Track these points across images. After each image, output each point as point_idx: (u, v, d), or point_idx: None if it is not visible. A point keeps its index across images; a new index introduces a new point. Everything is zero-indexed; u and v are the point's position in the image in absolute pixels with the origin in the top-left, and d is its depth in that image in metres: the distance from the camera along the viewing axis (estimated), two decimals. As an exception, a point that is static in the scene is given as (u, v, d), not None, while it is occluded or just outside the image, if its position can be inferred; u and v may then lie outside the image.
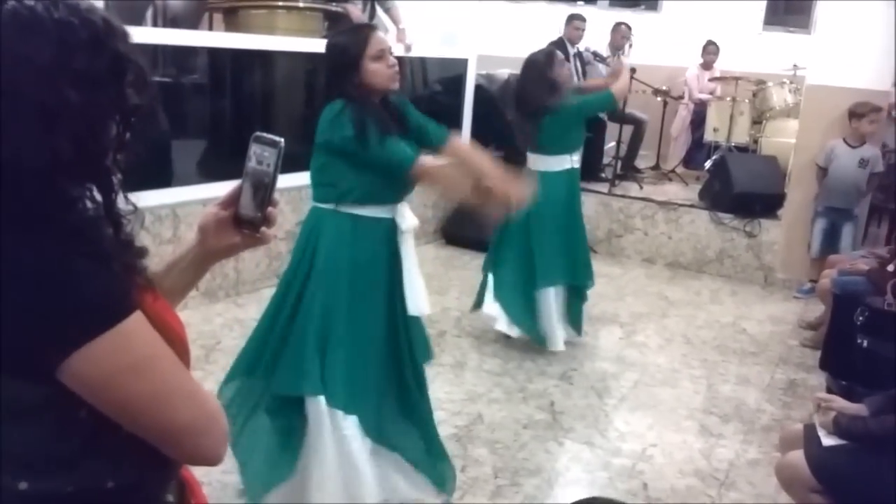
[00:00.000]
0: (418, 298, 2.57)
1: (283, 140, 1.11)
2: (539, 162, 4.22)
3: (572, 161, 4.33)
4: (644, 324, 4.91)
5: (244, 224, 1.16)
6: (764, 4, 9.11)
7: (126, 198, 1.02)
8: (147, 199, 1.05)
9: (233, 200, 1.16)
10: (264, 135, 1.13)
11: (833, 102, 5.50)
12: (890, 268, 4.08)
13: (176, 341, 1.02)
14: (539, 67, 4.16)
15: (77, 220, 0.95)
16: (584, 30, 6.83)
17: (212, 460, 1.06)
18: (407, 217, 2.56)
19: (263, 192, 1.13)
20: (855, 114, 5.33)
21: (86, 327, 0.91)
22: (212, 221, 1.18)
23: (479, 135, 6.85)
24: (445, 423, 3.41)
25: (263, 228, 1.16)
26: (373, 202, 2.48)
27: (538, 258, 4.17)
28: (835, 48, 5.57)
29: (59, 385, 0.92)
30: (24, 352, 0.90)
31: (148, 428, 0.99)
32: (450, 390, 3.76)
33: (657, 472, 3.18)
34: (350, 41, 2.41)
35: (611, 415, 3.65)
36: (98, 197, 0.98)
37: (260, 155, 1.12)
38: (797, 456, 2.44)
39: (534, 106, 4.10)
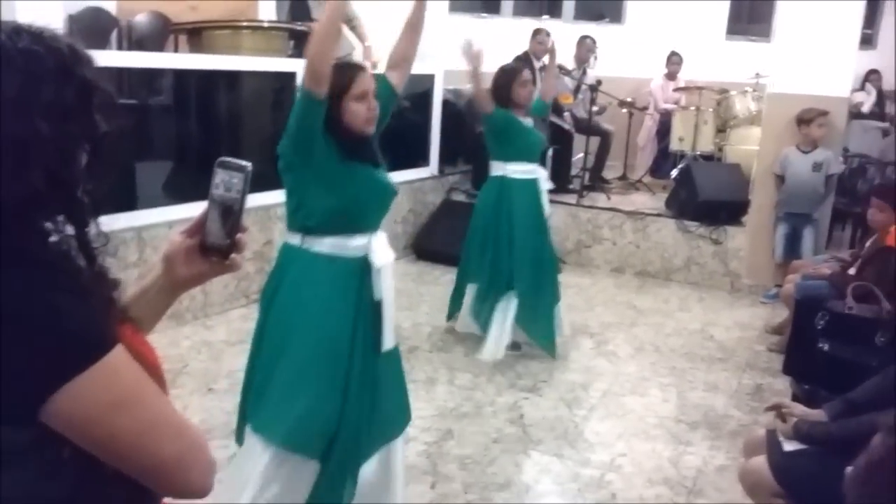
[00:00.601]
0: (390, 333, 2.53)
1: (250, 165, 1.09)
2: (496, 167, 4.46)
3: (535, 171, 4.41)
4: (613, 333, 4.95)
5: (212, 251, 1.13)
6: (726, 14, 9.26)
7: (98, 227, 1.00)
8: (111, 222, 1.03)
9: (198, 228, 1.14)
10: (230, 160, 1.11)
11: (793, 110, 5.60)
12: (851, 271, 4.16)
13: (153, 373, 1.01)
14: (497, 79, 4.39)
15: (53, 254, 0.93)
16: (548, 44, 6.89)
17: (199, 493, 1.03)
18: (379, 252, 2.48)
19: (232, 218, 1.11)
20: (803, 120, 5.45)
21: (69, 364, 0.89)
22: (178, 250, 1.15)
23: (447, 149, 6.90)
24: (416, 440, 3.41)
25: (233, 255, 1.13)
26: (342, 229, 2.41)
27: (503, 264, 4.28)
28: (794, 56, 5.68)
29: (42, 426, 0.90)
30: (6, 394, 0.87)
31: (135, 464, 0.97)
32: (420, 406, 3.75)
33: (626, 482, 3.21)
34: (335, 78, 2.36)
35: (580, 425, 3.68)
36: (69, 229, 0.96)
37: (227, 181, 1.10)
38: (760, 461, 2.47)
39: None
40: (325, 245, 2.42)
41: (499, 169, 4.42)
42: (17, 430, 0.90)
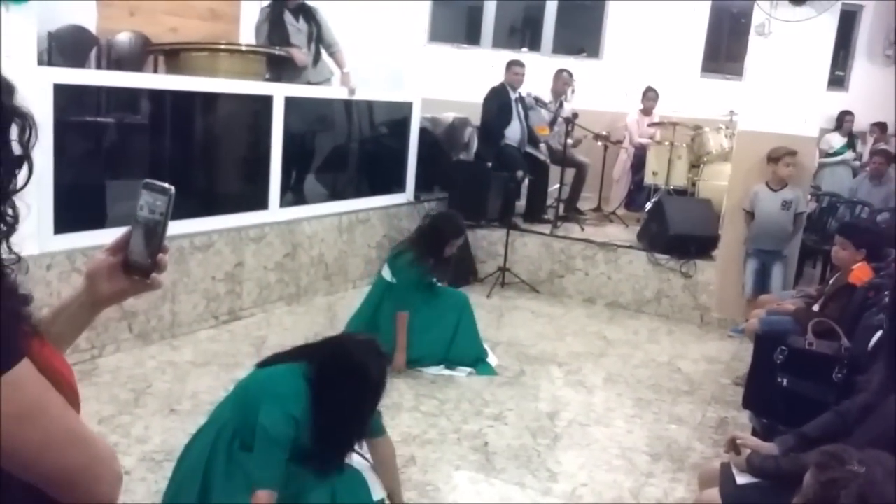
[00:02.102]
0: None
1: (173, 188, 1.13)
2: None
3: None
4: (582, 363, 4.98)
5: (134, 270, 1.17)
6: (702, 52, 9.43)
7: (9, 247, 1.02)
8: (83, 240, 1.05)
9: (122, 246, 1.17)
10: (154, 182, 1.14)
11: (763, 147, 5.71)
12: (815, 307, 4.22)
13: (65, 386, 1.02)
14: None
15: None
16: (523, 75, 7.00)
17: (104, 503, 1.04)
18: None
19: (155, 239, 1.14)
20: (771, 158, 5.56)
21: None
22: (102, 268, 1.18)
23: (423, 176, 6.95)
24: (377, 465, 3.40)
25: (154, 274, 1.17)
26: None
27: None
28: (764, 95, 5.80)
29: None
30: None
31: (41, 475, 0.98)
32: (384, 432, 3.76)
33: (586, 512, 3.22)
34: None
35: (543, 454, 3.68)
36: None
37: (151, 203, 1.13)
38: (713, 494, 2.50)
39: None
40: None
41: None
42: None
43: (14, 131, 1.02)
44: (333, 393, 2.32)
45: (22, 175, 1.04)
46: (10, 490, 0.99)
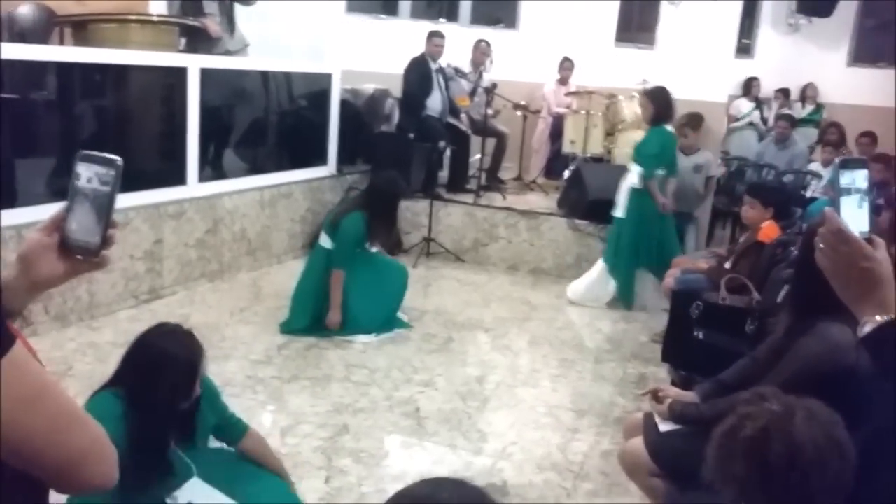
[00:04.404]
0: None
1: (119, 159, 1.06)
2: None
3: None
4: (508, 328, 5.08)
5: (77, 249, 1.09)
6: (615, 22, 9.60)
7: None
8: None
9: (57, 225, 1.09)
10: (94, 153, 1.07)
11: (676, 114, 5.88)
12: (727, 265, 4.42)
13: None
14: None
15: None
16: (443, 46, 7.00)
17: (107, 485, 1.00)
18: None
19: (103, 213, 1.07)
20: (678, 126, 5.75)
21: None
22: (36, 249, 1.09)
23: (345, 149, 6.91)
24: (311, 435, 3.43)
25: (103, 252, 1.10)
26: None
27: None
28: (675, 63, 5.98)
29: None
30: None
31: (48, 459, 0.93)
32: (315, 403, 3.78)
33: (517, 469, 3.31)
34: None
35: (473, 416, 3.77)
36: None
37: (99, 174, 1.06)
38: (637, 443, 2.62)
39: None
40: None
41: None
42: None
43: None
44: (143, 394, 2.14)
45: None
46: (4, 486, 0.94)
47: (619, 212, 5.53)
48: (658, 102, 5.37)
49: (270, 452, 2.63)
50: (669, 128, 5.49)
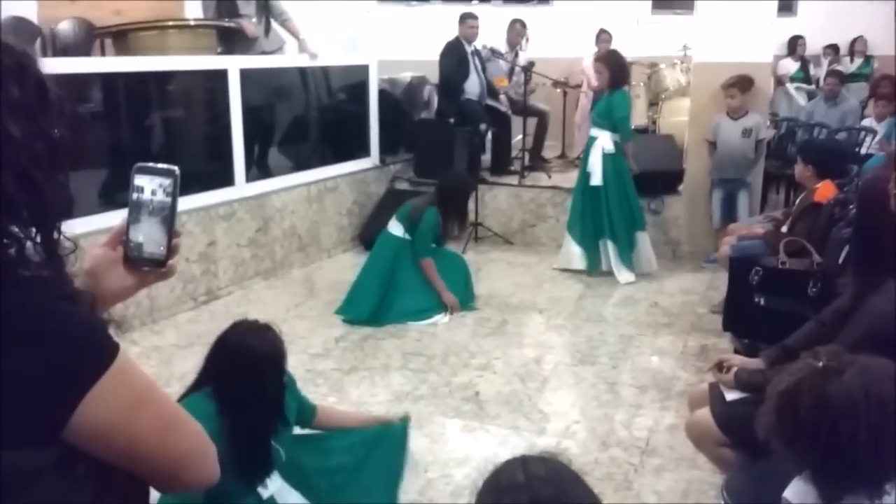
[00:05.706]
0: None
1: (177, 168, 1.07)
2: None
3: None
4: (562, 307, 5.04)
5: (142, 261, 1.09)
6: (651, -10, 9.45)
7: (64, 235, 0.94)
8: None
9: (119, 239, 1.09)
10: (150, 165, 1.07)
11: (719, 78, 5.74)
12: (784, 229, 4.31)
13: None
14: None
15: (36, 264, 0.89)
16: (478, 27, 6.94)
17: (211, 481, 1.02)
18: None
19: (166, 224, 1.08)
20: (725, 88, 5.61)
21: (88, 373, 0.86)
22: (103, 263, 1.09)
23: (387, 139, 6.92)
24: (373, 424, 3.44)
25: (170, 261, 1.10)
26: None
27: None
28: (716, 26, 5.83)
29: (61, 445, 0.86)
30: (28, 416, 0.83)
31: (158, 460, 0.95)
32: (375, 392, 3.80)
33: (582, 447, 3.29)
34: None
35: (534, 398, 3.75)
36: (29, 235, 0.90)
37: (153, 186, 1.07)
38: (704, 413, 2.57)
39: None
40: None
41: None
42: (39, 451, 0.86)
43: None
44: (236, 391, 2.17)
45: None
46: (117, 492, 0.95)
47: (596, 180, 5.53)
48: (613, 66, 5.48)
49: (345, 413, 2.76)
50: (626, 89, 5.64)
